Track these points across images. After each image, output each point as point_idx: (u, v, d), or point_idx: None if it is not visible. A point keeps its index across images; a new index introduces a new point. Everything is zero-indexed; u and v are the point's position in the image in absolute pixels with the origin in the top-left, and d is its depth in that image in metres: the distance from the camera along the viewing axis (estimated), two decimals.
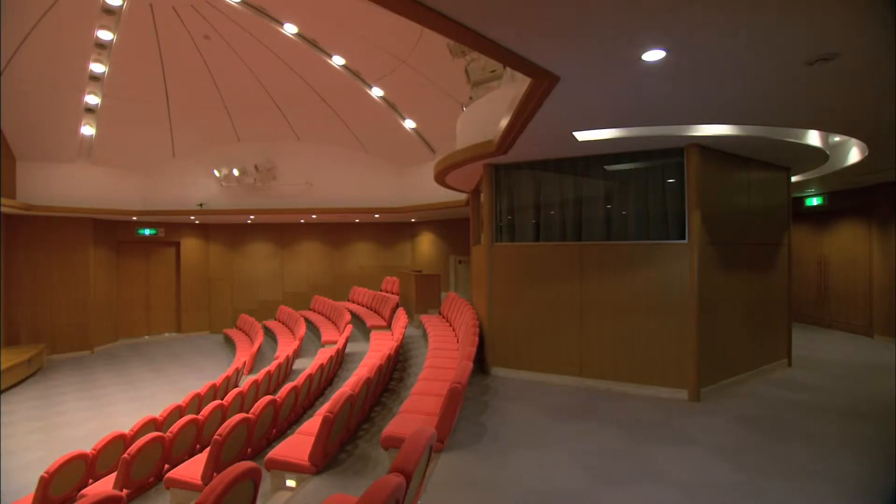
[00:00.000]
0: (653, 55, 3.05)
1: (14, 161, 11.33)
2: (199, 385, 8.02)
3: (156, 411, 6.57)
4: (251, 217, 14.03)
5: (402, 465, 2.19)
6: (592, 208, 5.96)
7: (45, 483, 4.28)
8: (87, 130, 11.45)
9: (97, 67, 9.80)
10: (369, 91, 11.12)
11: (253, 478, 2.37)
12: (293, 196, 13.59)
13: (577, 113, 4.37)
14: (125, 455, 4.37)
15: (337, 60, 10.24)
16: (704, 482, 3.39)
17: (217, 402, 5.68)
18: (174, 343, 14.53)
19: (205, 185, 13.52)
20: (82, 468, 4.71)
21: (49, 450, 6.69)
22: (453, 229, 14.61)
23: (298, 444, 4.12)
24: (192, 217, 13.87)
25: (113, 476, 4.62)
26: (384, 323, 10.53)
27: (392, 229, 16.16)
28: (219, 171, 13.29)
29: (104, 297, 13.48)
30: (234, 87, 11.72)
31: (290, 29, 9.48)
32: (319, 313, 13.54)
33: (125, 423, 6.91)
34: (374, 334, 9.44)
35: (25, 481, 5.58)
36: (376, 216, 14.34)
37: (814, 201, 9.92)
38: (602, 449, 4.00)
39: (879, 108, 4.11)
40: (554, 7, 2.51)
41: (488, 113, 5.95)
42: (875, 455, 3.83)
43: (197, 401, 7.07)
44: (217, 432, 4.13)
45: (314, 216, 14.31)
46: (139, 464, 4.46)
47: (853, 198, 9.03)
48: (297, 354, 9.74)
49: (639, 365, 5.52)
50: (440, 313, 10.01)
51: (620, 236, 5.78)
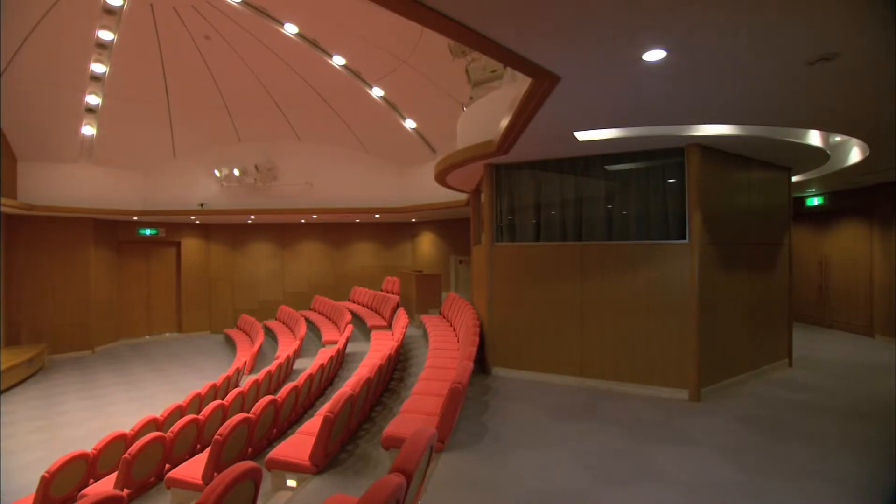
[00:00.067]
0: (653, 55, 3.05)
1: (15, 161, 11.34)
2: (200, 385, 8.03)
3: (156, 411, 6.58)
4: (252, 217, 14.04)
5: (403, 465, 2.20)
6: (593, 208, 5.96)
7: (46, 483, 4.29)
8: (88, 130, 11.47)
9: (98, 67, 9.81)
10: (370, 91, 11.12)
11: (253, 478, 2.37)
12: (294, 196, 13.59)
13: (578, 113, 4.37)
14: (126, 455, 4.38)
15: (337, 60, 10.25)
16: (705, 482, 3.39)
17: (218, 402, 5.69)
18: (175, 343, 14.54)
19: (205, 185, 13.53)
20: (83, 468, 4.72)
21: (50, 449, 6.70)
22: (454, 229, 14.62)
23: (299, 444, 4.12)
24: (193, 217, 13.89)
25: (114, 476, 4.62)
26: (385, 323, 10.54)
27: (393, 229, 16.16)
28: (219, 171, 13.30)
29: (105, 297, 13.50)
30: (235, 87, 11.73)
31: (291, 29, 9.48)
32: (320, 313, 13.55)
33: (126, 423, 6.91)
34: (375, 334, 9.44)
35: (26, 481, 5.59)
36: (377, 216, 14.34)
37: (814, 201, 9.92)
38: (603, 449, 4.00)
39: (880, 108, 4.11)
40: (554, 7, 2.51)
41: (489, 113, 5.95)
42: (875, 455, 3.83)
43: (197, 401, 7.08)
44: (218, 432, 4.14)
45: (315, 216, 14.32)
46: (140, 464, 4.47)
47: (854, 198, 9.03)
48: (298, 354, 9.75)
49: (639, 365, 5.52)
50: (441, 313, 10.01)
51: (621, 236, 5.78)
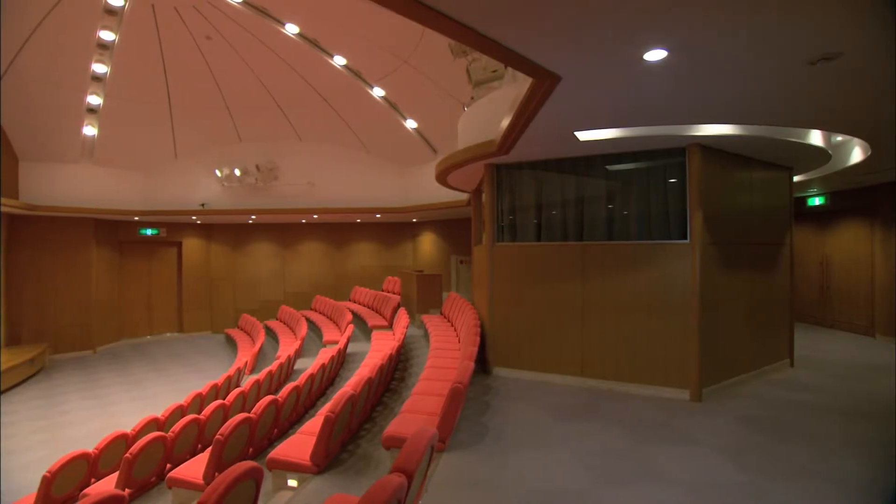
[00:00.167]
0: (654, 55, 3.05)
1: (17, 161, 11.36)
2: (201, 385, 8.03)
3: (158, 411, 6.59)
4: (253, 217, 14.05)
5: (404, 465, 2.19)
6: (594, 208, 5.95)
7: (48, 482, 4.29)
8: (90, 131, 11.48)
9: (99, 68, 9.82)
10: (371, 91, 11.12)
11: (254, 477, 2.37)
12: (295, 196, 13.60)
13: (579, 113, 4.37)
14: (127, 454, 4.38)
15: (338, 60, 10.25)
16: (706, 482, 3.39)
17: (219, 402, 5.69)
18: (176, 343, 14.55)
19: (206, 186, 13.55)
20: (84, 467, 4.72)
21: (51, 449, 6.72)
22: (455, 229, 14.61)
23: (300, 444, 4.12)
24: (194, 217, 13.90)
25: (115, 475, 4.62)
26: (386, 323, 10.54)
27: (393, 229, 16.16)
28: (220, 172, 13.32)
29: (106, 297, 13.51)
30: (236, 88, 11.74)
31: (292, 29, 9.49)
32: (321, 313, 13.56)
33: (127, 423, 6.93)
34: (376, 334, 9.45)
35: (28, 480, 5.60)
36: (378, 216, 14.35)
37: (816, 201, 9.90)
38: (604, 449, 4.00)
39: (880, 108, 4.11)
40: (555, 7, 2.51)
41: (490, 113, 5.95)
42: (876, 455, 3.82)
43: (199, 400, 7.09)
44: (219, 432, 4.14)
45: (316, 216, 14.32)
46: (141, 463, 4.48)
47: (855, 198, 9.02)
48: (299, 354, 9.76)
49: (641, 365, 5.52)
50: (441, 313, 10.01)
51: (622, 236, 5.77)
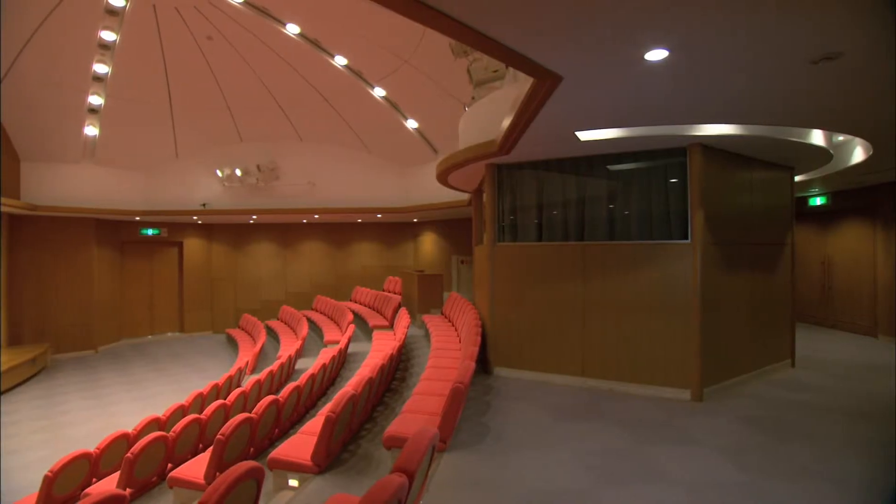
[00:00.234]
0: (655, 55, 3.04)
1: (18, 161, 11.38)
2: (202, 385, 8.04)
3: (159, 411, 6.60)
4: (254, 217, 14.06)
5: (405, 465, 2.19)
6: (595, 208, 5.95)
7: (49, 482, 4.30)
8: (91, 131, 11.50)
9: (100, 68, 9.84)
10: (371, 91, 11.13)
11: (255, 477, 2.37)
12: (296, 196, 13.61)
13: (580, 113, 4.37)
14: (128, 454, 4.39)
15: (339, 60, 10.26)
16: (707, 482, 3.39)
17: (220, 402, 5.70)
18: (177, 343, 14.57)
19: (207, 186, 13.56)
20: (86, 467, 4.73)
21: (53, 449, 6.73)
22: (456, 229, 14.62)
23: (301, 444, 4.13)
24: (195, 217, 13.91)
25: (116, 475, 4.63)
26: (386, 323, 10.54)
27: (394, 229, 16.16)
28: (221, 172, 13.33)
29: (108, 297, 13.53)
30: (237, 88, 11.75)
31: (293, 29, 9.50)
32: (322, 313, 13.57)
33: (128, 423, 6.93)
34: (377, 334, 9.45)
35: (29, 480, 5.61)
36: (379, 216, 14.35)
37: (817, 201, 9.88)
38: (605, 449, 4.00)
39: (880, 108, 4.10)
40: (556, 6, 2.50)
41: (490, 113, 5.95)
42: (877, 455, 3.81)
43: (200, 400, 7.09)
44: (220, 432, 4.15)
45: (317, 216, 14.33)
46: (142, 463, 4.48)
47: (857, 197, 9.00)
48: (300, 354, 9.76)
49: (641, 365, 5.51)
50: (442, 313, 10.01)
51: (623, 236, 5.77)
